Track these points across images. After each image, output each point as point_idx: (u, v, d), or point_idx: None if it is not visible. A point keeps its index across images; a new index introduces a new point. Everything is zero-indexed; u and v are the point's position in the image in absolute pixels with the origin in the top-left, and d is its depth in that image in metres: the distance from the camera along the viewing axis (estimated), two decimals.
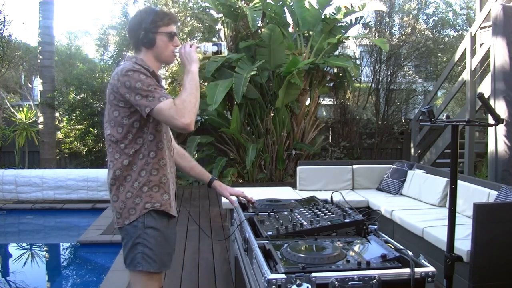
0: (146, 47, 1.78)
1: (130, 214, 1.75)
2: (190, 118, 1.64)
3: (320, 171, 5.41)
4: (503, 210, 3.03)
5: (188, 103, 1.65)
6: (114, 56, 10.19)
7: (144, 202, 1.75)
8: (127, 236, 1.77)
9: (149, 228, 1.75)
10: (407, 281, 1.51)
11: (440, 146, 7.78)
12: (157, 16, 1.77)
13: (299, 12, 7.65)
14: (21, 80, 11.15)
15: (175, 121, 1.63)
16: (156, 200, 1.77)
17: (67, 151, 8.63)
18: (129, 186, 1.76)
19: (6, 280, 4.16)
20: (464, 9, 12.18)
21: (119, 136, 1.75)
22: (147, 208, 1.75)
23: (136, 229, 1.74)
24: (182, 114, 1.62)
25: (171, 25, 1.80)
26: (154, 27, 1.75)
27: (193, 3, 9.52)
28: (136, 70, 1.68)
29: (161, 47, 1.79)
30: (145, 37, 1.75)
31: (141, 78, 1.66)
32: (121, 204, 1.76)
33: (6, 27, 7.90)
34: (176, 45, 1.82)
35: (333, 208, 2.22)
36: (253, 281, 1.80)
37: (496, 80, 5.35)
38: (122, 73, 1.68)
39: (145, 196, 1.75)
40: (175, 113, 1.62)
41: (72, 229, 5.79)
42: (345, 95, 9.26)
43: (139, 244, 1.74)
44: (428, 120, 2.07)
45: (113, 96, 1.72)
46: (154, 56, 1.81)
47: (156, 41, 1.77)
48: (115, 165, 1.77)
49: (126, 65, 1.71)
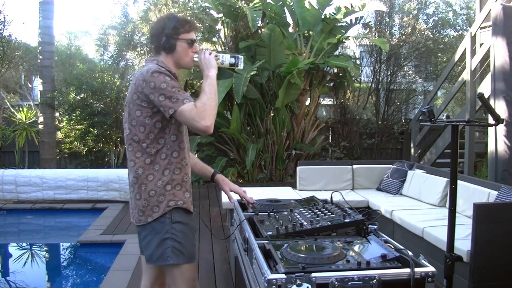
0: (167, 52, 1.86)
1: (154, 211, 1.80)
2: (210, 121, 1.70)
3: (320, 171, 5.41)
4: (503, 210, 3.03)
5: (208, 106, 1.71)
6: (114, 56, 10.20)
7: (168, 200, 1.81)
8: (152, 232, 1.81)
9: (176, 222, 1.82)
10: (407, 281, 1.51)
11: (440, 146, 7.78)
12: (179, 23, 1.84)
13: (299, 12, 7.65)
14: (21, 80, 11.15)
15: (196, 123, 1.68)
16: (179, 198, 1.83)
17: (67, 151, 8.62)
18: (152, 185, 1.80)
19: (6, 280, 4.16)
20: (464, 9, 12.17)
21: (141, 136, 1.80)
22: (170, 206, 1.81)
23: (164, 225, 1.80)
24: (203, 116, 1.68)
25: (192, 32, 1.88)
26: (175, 33, 1.83)
27: (193, 3, 9.52)
28: (161, 72, 1.74)
29: (181, 53, 1.86)
30: (166, 42, 1.83)
31: (166, 80, 1.72)
32: (144, 202, 1.81)
33: (6, 27, 7.91)
34: (195, 51, 1.90)
35: (333, 208, 2.22)
36: (253, 281, 1.80)
37: (496, 80, 5.35)
38: (148, 74, 1.73)
39: (169, 194, 1.81)
40: (196, 115, 1.68)
41: (72, 229, 5.79)
42: (345, 95, 9.26)
43: (168, 238, 1.80)
44: (428, 120, 2.07)
45: (137, 96, 1.77)
46: (173, 61, 1.88)
47: (177, 47, 1.85)
48: (136, 164, 1.82)
49: (152, 67, 1.76)
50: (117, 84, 8.55)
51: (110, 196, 6.35)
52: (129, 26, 10.04)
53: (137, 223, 1.86)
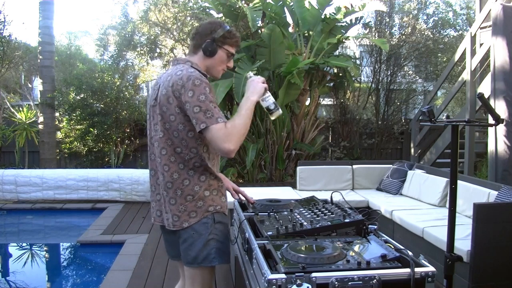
0: (206, 55, 1.85)
1: (191, 217, 1.79)
2: (235, 145, 1.66)
3: (320, 171, 5.41)
4: (503, 210, 3.04)
5: (238, 130, 1.68)
6: (114, 56, 10.20)
7: (208, 206, 1.81)
8: (195, 235, 1.80)
9: (218, 223, 1.83)
10: (407, 281, 1.51)
11: (440, 146, 7.78)
12: (229, 33, 1.87)
13: (299, 12, 7.65)
14: (21, 80, 11.15)
15: (221, 144, 1.64)
16: (217, 203, 1.84)
17: (67, 151, 8.63)
18: (189, 190, 1.78)
19: (6, 280, 4.16)
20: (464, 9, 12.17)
21: (175, 141, 1.77)
22: (209, 211, 1.81)
23: (207, 226, 1.80)
24: (230, 139, 1.65)
25: (235, 48, 1.91)
26: (221, 41, 1.85)
27: (193, 3, 9.52)
28: (202, 81, 1.70)
29: (218, 61, 1.87)
30: (210, 45, 1.83)
31: (205, 92, 1.69)
32: (181, 207, 1.79)
33: (6, 27, 7.92)
34: (229, 66, 1.93)
35: (333, 208, 2.22)
36: (253, 281, 1.80)
37: (496, 80, 5.35)
38: (189, 81, 1.69)
39: (208, 199, 1.81)
40: (224, 136, 1.64)
41: (72, 229, 5.79)
42: (345, 95, 9.26)
43: (212, 239, 1.81)
44: (428, 120, 2.07)
45: (173, 100, 1.73)
46: (207, 65, 1.88)
47: (217, 54, 1.86)
48: (170, 168, 1.79)
49: (192, 73, 1.72)
50: (117, 84, 8.56)
51: (110, 196, 6.35)
52: (129, 26, 10.04)
53: (171, 227, 1.82)
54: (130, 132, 8.85)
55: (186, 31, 9.44)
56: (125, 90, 8.64)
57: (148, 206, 6.11)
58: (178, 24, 9.51)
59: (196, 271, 1.84)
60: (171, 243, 1.96)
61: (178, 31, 9.58)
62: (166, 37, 9.92)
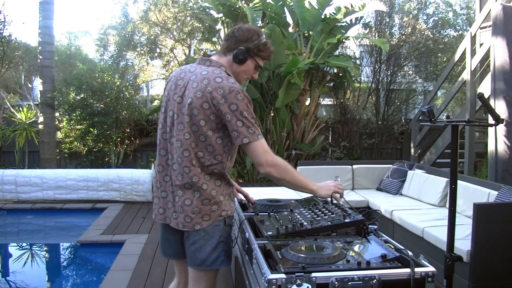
0: (235, 61, 1.84)
1: (204, 220, 1.79)
2: (272, 169, 1.75)
3: (320, 171, 5.41)
4: (503, 210, 3.04)
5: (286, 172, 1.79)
6: (114, 56, 10.21)
7: (221, 210, 1.82)
8: (206, 236, 1.80)
9: (228, 226, 1.87)
10: (407, 281, 1.50)
11: (440, 146, 7.78)
12: (264, 46, 1.86)
13: (299, 12, 7.65)
14: (21, 80, 11.15)
15: (261, 156, 1.73)
16: (229, 208, 1.86)
17: (67, 151, 8.63)
18: (206, 194, 1.79)
19: (6, 280, 4.16)
20: (464, 9, 12.17)
21: (201, 145, 1.77)
22: (222, 216, 1.82)
23: (219, 229, 1.82)
24: (274, 164, 1.76)
25: (265, 61, 1.92)
26: (254, 52, 1.85)
27: (193, 3, 9.52)
28: (245, 96, 1.73)
29: (245, 70, 1.88)
30: (241, 53, 1.82)
31: (248, 107, 1.73)
32: (196, 209, 1.78)
33: (6, 27, 7.91)
34: (254, 76, 1.94)
35: (333, 208, 2.22)
36: (253, 281, 1.79)
37: (496, 80, 5.35)
38: (231, 92, 1.70)
39: (223, 205, 1.83)
40: (263, 151, 1.73)
41: (72, 229, 5.79)
42: (345, 95, 9.26)
43: (222, 242, 1.83)
44: (428, 120, 2.07)
45: (208, 106, 1.71)
46: (233, 71, 1.87)
47: (246, 63, 1.86)
48: (191, 171, 1.78)
49: (233, 84, 1.73)
50: (117, 84, 8.55)
51: (110, 196, 6.35)
52: (129, 26, 10.05)
53: (180, 227, 1.82)
54: (130, 132, 8.86)
55: (186, 31, 9.45)
56: (125, 90, 8.63)
57: (148, 206, 6.10)
58: (178, 24, 9.52)
59: (202, 273, 1.84)
60: (171, 242, 1.95)
61: (178, 31, 9.58)
62: (166, 37, 9.93)
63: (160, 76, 10.61)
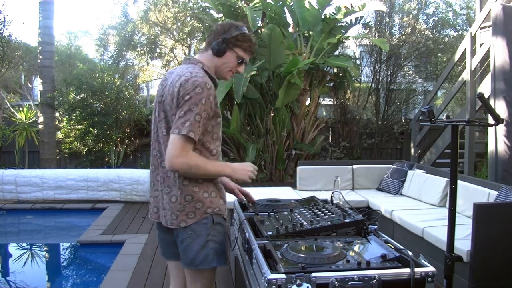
0: (214, 53, 1.83)
1: (189, 217, 1.77)
2: (180, 167, 1.66)
3: (320, 171, 5.41)
4: (503, 210, 3.04)
5: (195, 164, 1.69)
6: (114, 56, 10.20)
7: (206, 207, 1.78)
8: (193, 235, 1.77)
9: (217, 224, 1.81)
10: (407, 281, 1.51)
11: (440, 146, 7.78)
12: (242, 37, 1.84)
13: (299, 12, 7.65)
14: (21, 80, 11.15)
15: (173, 153, 1.65)
16: (215, 205, 1.81)
17: (67, 151, 8.63)
18: (189, 190, 1.77)
19: (6, 280, 4.16)
20: (464, 9, 12.17)
21: None
22: (208, 213, 1.78)
23: (206, 227, 1.78)
24: (183, 157, 1.65)
25: (247, 54, 1.87)
26: (232, 43, 1.82)
27: (193, 3, 9.52)
28: (205, 91, 1.68)
29: (226, 63, 1.85)
30: (218, 45, 1.81)
31: (201, 103, 1.67)
32: (180, 206, 1.77)
33: (6, 27, 7.91)
34: (239, 71, 1.89)
35: (333, 208, 2.22)
36: (253, 281, 1.80)
37: (496, 80, 5.35)
38: (193, 86, 1.68)
39: (207, 201, 1.79)
40: (181, 149, 1.65)
41: (72, 229, 5.79)
42: (345, 95, 9.26)
43: (211, 241, 1.78)
44: (428, 120, 2.07)
45: (176, 101, 1.71)
46: (215, 65, 1.86)
47: (225, 55, 1.83)
48: None
49: (199, 78, 1.70)
50: (117, 84, 8.55)
51: (110, 196, 6.35)
52: (129, 26, 10.05)
53: (169, 225, 1.81)
54: (130, 132, 8.85)
55: (186, 31, 9.44)
56: (125, 90, 8.63)
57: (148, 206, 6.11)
58: (178, 24, 9.52)
59: (197, 272, 1.82)
60: (167, 242, 1.94)
61: (178, 31, 9.58)
62: (166, 37, 9.93)
63: (160, 76, 10.61)
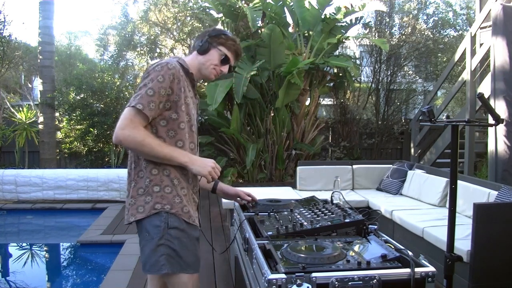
0: (198, 52, 1.85)
1: (138, 211, 1.70)
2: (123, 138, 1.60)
3: (320, 171, 5.41)
4: (503, 210, 3.04)
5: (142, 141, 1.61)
6: (114, 56, 10.21)
7: (154, 203, 1.68)
8: (147, 237, 1.69)
9: (173, 228, 1.69)
10: (407, 281, 1.50)
11: (440, 146, 7.78)
12: (225, 35, 1.87)
13: (299, 12, 7.65)
14: (21, 80, 11.15)
15: (119, 124, 1.61)
16: (167, 201, 1.70)
17: (67, 151, 8.63)
18: (141, 183, 1.71)
19: (6, 280, 4.16)
20: (464, 9, 12.17)
21: None
22: (156, 209, 1.68)
23: (159, 230, 1.67)
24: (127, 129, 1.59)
25: (230, 52, 1.87)
26: (215, 40, 1.84)
27: (193, 3, 9.52)
28: (164, 68, 1.67)
29: (209, 60, 1.84)
30: (202, 42, 1.84)
31: (157, 79, 1.65)
32: (131, 200, 1.72)
33: (6, 27, 7.91)
34: (222, 70, 1.88)
35: (333, 208, 2.22)
36: (253, 281, 1.79)
37: (496, 80, 5.35)
38: (154, 64, 1.70)
39: (156, 196, 1.69)
40: (127, 122, 1.60)
41: (72, 229, 5.79)
42: (345, 95, 9.26)
43: (163, 245, 1.67)
44: (428, 120, 2.07)
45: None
46: (198, 63, 1.85)
47: (209, 52, 1.84)
48: (131, 158, 1.76)
49: (163, 61, 1.72)
50: (117, 84, 8.56)
51: (110, 196, 6.35)
52: (129, 26, 10.05)
53: (125, 222, 1.77)
54: None
55: (186, 31, 9.44)
56: (125, 90, 8.63)
57: None
58: (178, 24, 9.52)
59: (155, 278, 1.77)
60: None
61: (178, 31, 9.58)
62: (166, 37, 9.93)
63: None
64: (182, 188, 1.76)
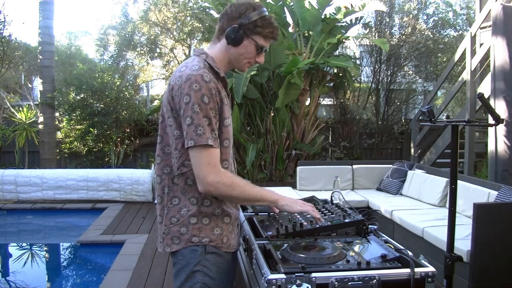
0: (228, 42, 1.52)
1: (174, 242, 1.52)
2: (214, 188, 1.41)
3: (320, 171, 5.42)
4: (503, 210, 3.04)
5: (233, 187, 1.45)
6: (114, 56, 10.21)
7: (191, 235, 1.50)
8: (182, 261, 1.52)
9: (211, 254, 1.52)
10: (407, 281, 1.50)
11: (440, 146, 7.78)
12: (262, 21, 1.51)
13: (299, 12, 7.65)
14: (21, 80, 11.15)
15: (202, 169, 1.40)
16: (205, 234, 1.52)
17: (67, 151, 8.63)
18: (175, 211, 1.51)
19: (6, 280, 4.16)
20: (464, 9, 12.17)
21: (171, 149, 1.51)
22: (193, 243, 1.50)
23: (196, 254, 1.51)
24: (215, 174, 1.40)
25: (268, 41, 1.56)
26: (250, 29, 1.51)
27: (193, 3, 9.53)
28: (203, 86, 1.39)
29: (243, 53, 1.55)
30: (234, 31, 1.49)
31: (202, 101, 1.38)
32: (165, 228, 1.53)
33: (6, 27, 7.91)
34: (258, 61, 1.59)
35: (333, 208, 2.22)
36: (253, 281, 1.79)
37: (496, 80, 5.35)
38: (187, 81, 1.40)
39: (193, 228, 1.51)
40: (209, 172, 1.40)
41: (72, 229, 5.79)
42: (345, 95, 9.26)
43: (199, 272, 1.50)
44: (428, 120, 2.07)
45: (171, 101, 1.46)
46: (229, 56, 1.56)
47: (243, 43, 1.52)
48: (163, 180, 1.54)
49: (195, 71, 1.42)
50: (117, 84, 8.56)
51: (110, 196, 6.35)
52: (129, 26, 10.05)
53: (159, 248, 1.59)
54: (130, 132, 8.86)
55: (186, 31, 9.44)
56: (125, 90, 8.64)
57: (148, 206, 6.11)
58: (178, 24, 9.52)
59: None
60: None
61: (178, 31, 9.58)
62: (166, 37, 9.93)
63: (160, 76, 10.61)
64: (226, 216, 1.57)
